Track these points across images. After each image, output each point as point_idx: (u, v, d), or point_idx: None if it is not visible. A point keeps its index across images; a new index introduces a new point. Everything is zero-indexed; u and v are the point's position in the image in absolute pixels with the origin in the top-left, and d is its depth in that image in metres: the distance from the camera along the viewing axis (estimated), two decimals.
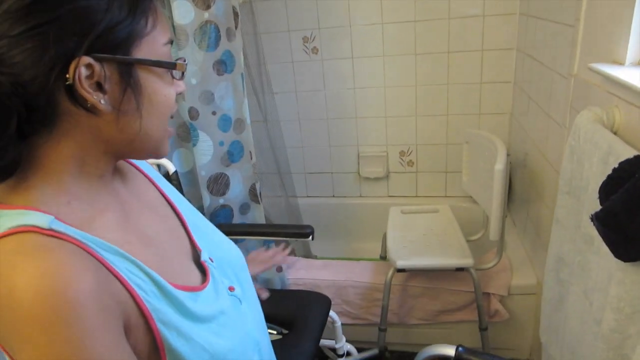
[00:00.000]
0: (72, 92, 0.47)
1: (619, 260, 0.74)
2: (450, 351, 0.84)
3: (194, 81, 1.36)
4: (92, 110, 0.49)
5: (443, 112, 2.18)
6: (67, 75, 0.46)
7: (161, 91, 0.54)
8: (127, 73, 0.50)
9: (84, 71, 0.46)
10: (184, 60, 0.57)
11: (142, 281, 0.51)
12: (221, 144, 1.46)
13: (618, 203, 0.70)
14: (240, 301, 0.66)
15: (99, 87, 0.49)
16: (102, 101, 0.49)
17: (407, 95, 2.18)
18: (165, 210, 0.68)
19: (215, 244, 0.71)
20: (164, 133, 0.57)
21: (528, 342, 1.70)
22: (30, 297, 0.42)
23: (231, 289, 0.66)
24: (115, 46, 0.49)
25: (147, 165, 0.72)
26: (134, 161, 0.69)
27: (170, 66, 0.54)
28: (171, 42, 0.56)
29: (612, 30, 1.01)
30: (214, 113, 1.42)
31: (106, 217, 0.54)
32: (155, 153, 0.59)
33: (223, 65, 1.39)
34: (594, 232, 0.87)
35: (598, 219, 0.74)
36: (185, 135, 1.51)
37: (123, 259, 0.51)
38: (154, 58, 0.52)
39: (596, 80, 1.06)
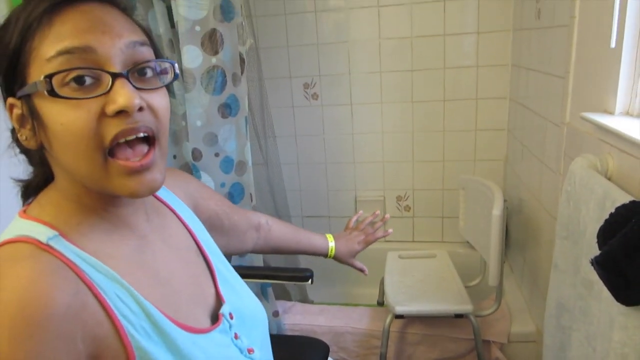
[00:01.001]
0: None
1: (621, 305, 0.75)
2: None
3: (198, 123, 1.39)
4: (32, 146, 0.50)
5: (439, 158, 2.22)
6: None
7: (57, 119, 0.46)
8: (29, 105, 0.48)
9: (15, 110, 0.49)
10: (75, 67, 0.46)
11: (132, 313, 0.48)
12: (222, 185, 1.47)
13: (617, 247, 0.71)
14: None
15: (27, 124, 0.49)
16: (25, 137, 0.49)
17: (404, 141, 2.23)
18: (192, 256, 0.65)
19: (242, 300, 0.68)
20: (91, 168, 0.48)
21: None
22: (2, 304, 0.42)
23: (250, 350, 0.63)
24: (18, 79, 0.48)
25: (184, 208, 0.70)
26: (169, 202, 0.68)
27: (32, 88, 0.45)
28: (75, 49, 0.46)
29: (601, 82, 1.06)
30: (216, 155, 1.44)
31: (117, 248, 0.53)
32: (111, 193, 0.50)
33: (228, 109, 1.43)
34: (594, 277, 0.88)
35: (598, 263, 0.75)
36: None
37: (117, 284, 0.48)
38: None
39: (588, 129, 1.10)
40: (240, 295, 0.69)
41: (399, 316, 1.57)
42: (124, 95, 0.46)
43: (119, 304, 0.48)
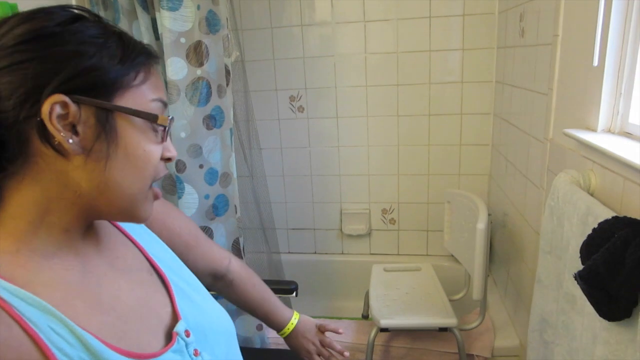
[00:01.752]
0: (42, 129, 0.47)
1: (604, 320, 0.75)
2: None
3: (183, 134, 1.38)
4: (60, 150, 0.48)
5: (424, 171, 2.24)
6: (41, 111, 0.46)
7: (140, 145, 0.52)
8: (104, 118, 0.49)
9: (57, 109, 0.47)
10: (170, 117, 0.56)
11: (67, 344, 0.46)
12: (207, 197, 1.46)
13: (600, 262, 0.72)
14: None
15: (73, 128, 0.48)
16: (71, 140, 0.48)
17: (389, 154, 2.24)
18: (143, 276, 0.63)
19: (203, 314, 0.67)
20: (141, 191, 0.54)
21: None
22: None
23: None
24: (97, 91, 0.49)
25: (133, 228, 0.68)
26: (118, 223, 0.67)
27: (150, 117, 0.53)
28: (163, 102, 0.56)
29: (584, 99, 1.08)
30: (201, 166, 1.43)
31: (56, 273, 0.51)
32: (131, 214, 0.55)
33: (212, 120, 1.42)
34: (577, 292, 0.88)
35: (582, 278, 0.76)
36: (171, 187, 1.51)
37: (50, 315, 0.46)
38: (136, 108, 0.52)
39: (571, 145, 1.12)
40: (201, 309, 0.67)
41: (383, 329, 1.56)
42: (173, 148, 0.59)
43: (53, 336, 0.45)
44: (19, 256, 0.48)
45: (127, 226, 0.67)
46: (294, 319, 1.03)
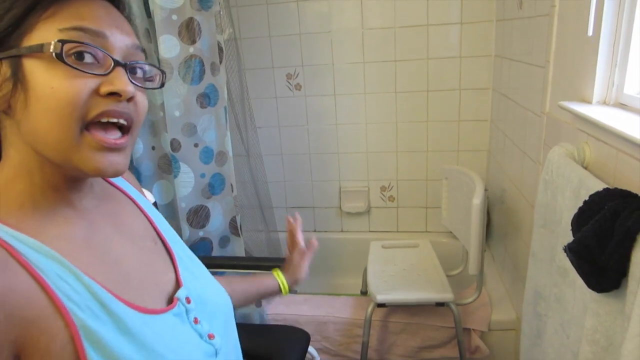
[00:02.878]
0: None
1: (593, 292, 0.76)
2: None
3: (177, 113, 1.38)
4: (3, 110, 0.49)
5: (423, 148, 2.23)
6: None
7: (47, 83, 0.47)
8: (16, 66, 0.48)
9: None
10: (79, 42, 0.48)
11: (74, 292, 0.47)
12: (202, 176, 1.46)
13: (589, 234, 0.71)
14: (216, 352, 0.62)
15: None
16: None
17: (387, 131, 2.23)
18: (148, 243, 0.64)
19: (203, 286, 0.68)
20: (64, 136, 0.48)
21: None
22: None
23: (211, 336, 0.62)
24: (6, 40, 0.48)
25: (141, 197, 0.70)
26: (127, 190, 0.67)
27: (35, 49, 0.47)
28: (85, 30, 0.49)
29: (579, 72, 1.06)
30: (196, 145, 1.42)
31: (62, 229, 0.52)
32: (71, 166, 0.50)
33: (206, 99, 1.41)
34: (568, 264, 0.88)
35: (571, 250, 0.76)
36: (167, 167, 1.51)
37: (57, 263, 0.47)
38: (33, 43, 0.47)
39: (566, 118, 1.11)
40: (202, 282, 0.68)
41: (381, 305, 1.58)
42: (122, 80, 0.50)
43: (61, 283, 0.47)
44: (24, 210, 0.50)
45: (134, 195, 0.68)
46: (278, 278, 1.03)
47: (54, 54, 0.47)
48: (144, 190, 1.35)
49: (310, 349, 1.40)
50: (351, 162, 2.32)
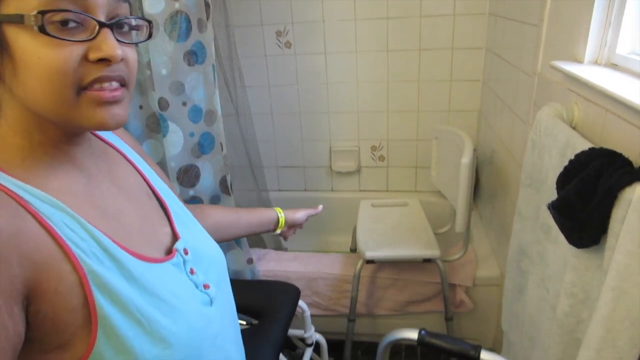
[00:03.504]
0: None
1: (573, 247, 0.78)
2: (413, 335, 0.87)
3: (164, 72, 1.35)
4: None
5: (414, 108, 2.22)
6: None
7: (33, 52, 0.47)
8: None
9: None
10: (58, 10, 0.47)
11: (81, 239, 0.49)
12: (191, 135, 1.45)
13: (572, 192, 0.73)
14: (211, 301, 0.64)
15: None
16: None
17: (378, 91, 2.21)
18: (143, 197, 0.66)
19: (198, 240, 0.70)
20: (62, 100, 0.49)
21: (491, 331, 1.76)
22: None
23: (206, 286, 0.65)
24: None
25: (134, 154, 0.71)
26: (119, 147, 0.68)
27: (15, 19, 0.46)
28: None
29: (572, 30, 1.05)
30: (184, 104, 1.40)
31: (63, 183, 0.53)
32: (72, 125, 0.52)
33: (194, 56, 1.38)
34: (552, 222, 0.91)
35: (554, 208, 0.78)
36: (155, 126, 1.49)
37: (63, 212, 0.49)
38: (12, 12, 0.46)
39: (557, 78, 1.11)
40: (196, 236, 0.70)
41: (369, 261, 1.62)
42: (109, 45, 0.49)
43: (67, 231, 0.48)
44: (26, 165, 0.51)
45: (126, 152, 0.69)
46: (279, 213, 1.15)
47: (35, 27, 0.46)
48: None
49: (301, 303, 1.44)
50: (342, 121, 2.31)
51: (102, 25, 0.49)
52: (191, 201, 1.53)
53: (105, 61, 0.50)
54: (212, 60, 1.42)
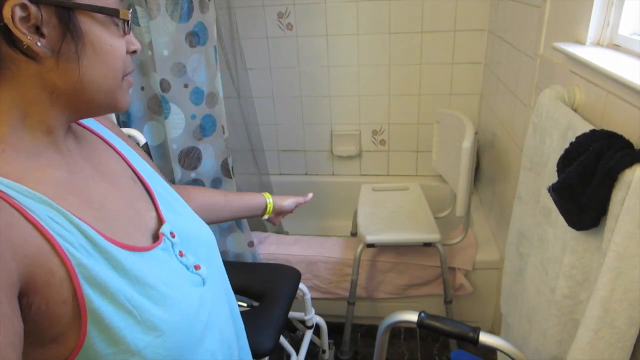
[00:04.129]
0: (8, 35, 0.47)
1: (573, 230, 0.79)
2: (413, 317, 0.88)
3: (165, 52, 1.34)
4: (29, 54, 0.48)
5: (415, 92, 2.21)
6: (2, 16, 0.46)
7: (106, 40, 0.53)
8: (66, 17, 0.49)
9: (18, 12, 0.46)
10: (130, 9, 0.57)
11: (67, 232, 0.48)
12: (193, 117, 1.45)
13: (573, 174, 0.73)
14: (203, 281, 0.65)
15: (37, 30, 0.48)
16: (39, 43, 0.48)
17: (380, 74, 2.20)
18: (126, 181, 0.65)
19: (185, 221, 0.70)
20: (116, 84, 0.56)
21: (490, 314, 1.78)
22: None
23: (197, 267, 0.65)
24: None
25: (115, 138, 0.70)
26: (99, 132, 0.67)
27: (111, 12, 0.53)
28: None
29: (575, 11, 1.04)
30: (186, 86, 1.40)
31: (45, 172, 0.52)
32: (111, 106, 0.58)
33: (195, 37, 1.37)
34: (552, 205, 0.91)
35: (555, 190, 0.78)
36: (157, 107, 1.49)
37: (47, 206, 0.48)
38: (95, 4, 0.52)
39: (559, 60, 1.10)
40: (184, 217, 0.70)
41: (370, 245, 1.63)
42: (135, 38, 0.59)
43: (53, 224, 0.48)
44: (6, 156, 0.49)
45: (108, 136, 0.68)
46: (267, 198, 1.16)
47: (121, 21, 0.55)
48: (133, 130, 1.34)
49: (301, 285, 1.45)
50: (343, 105, 2.30)
51: (128, 22, 0.57)
52: (193, 184, 1.54)
53: (133, 53, 0.59)
54: (214, 42, 1.41)
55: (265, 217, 1.16)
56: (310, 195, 1.29)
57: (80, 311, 0.48)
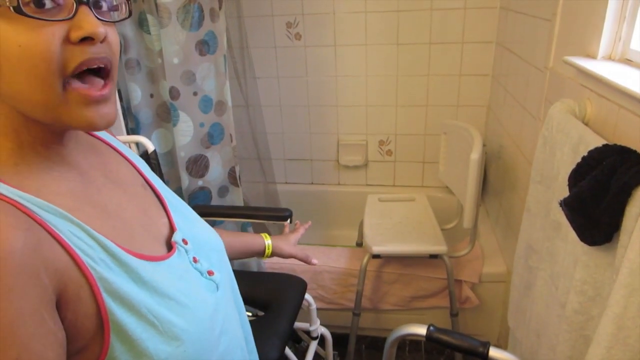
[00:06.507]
0: None
1: (585, 245, 0.78)
2: (422, 330, 0.87)
3: (175, 60, 1.35)
4: None
5: (422, 102, 2.21)
6: None
7: (13, 40, 0.43)
8: None
9: None
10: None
11: (88, 247, 0.48)
12: (202, 125, 1.45)
13: (586, 189, 0.73)
14: (217, 287, 0.65)
15: None
16: None
17: (387, 84, 2.20)
18: (138, 189, 0.65)
19: (195, 227, 0.70)
20: (48, 94, 0.45)
21: (496, 328, 1.76)
22: None
23: (210, 273, 0.65)
24: None
25: (125, 147, 0.70)
26: (108, 139, 0.67)
27: None
28: None
29: (586, 25, 1.04)
30: (195, 94, 1.41)
31: (59, 185, 0.51)
32: (59, 122, 0.48)
33: (205, 46, 1.38)
34: (562, 219, 0.90)
35: (566, 204, 0.77)
36: (166, 115, 1.50)
37: (67, 221, 0.47)
38: None
39: (570, 74, 1.10)
40: (194, 224, 0.70)
41: (376, 256, 1.62)
42: (91, 22, 0.45)
43: (74, 239, 0.47)
44: (20, 170, 0.49)
45: (116, 143, 0.68)
46: (265, 240, 1.07)
47: (11, 8, 0.42)
48: (141, 137, 1.35)
49: (307, 296, 1.44)
50: (350, 115, 2.31)
51: (79, 2, 0.45)
52: (200, 191, 1.54)
53: (88, 40, 0.46)
54: (224, 51, 1.42)
55: (264, 259, 1.10)
56: (309, 224, 1.24)
57: (103, 324, 0.48)
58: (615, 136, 0.86)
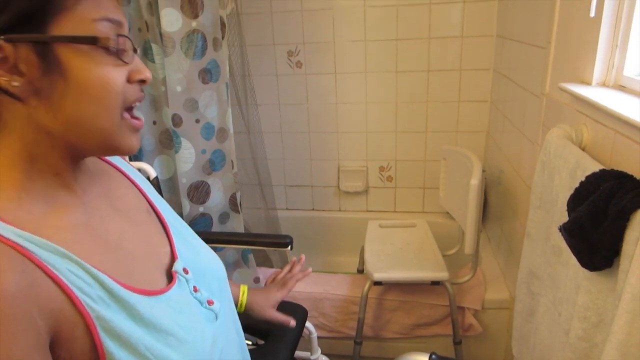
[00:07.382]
0: None
1: (586, 270, 0.77)
2: (424, 359, 0.86)
3: (179, 88, 1.37)
4: (11, 95, 0.47)
5: (422, 129, 2.23)
6: None
7: (91, 72, 0.48)
8: (44, 52, 0.46)
9: None
10: (119, 35, 0.51)
11: (86, 284, 0.48)
12: (203, 152, 1.47)
13: (584, 214, 0.73)
14: (216, 316, 0.64)
15: (18, 70, 0.46)
16: (15, 83, 0.46)
17: (387, 111, 2.23)
18: (144, 216, 0.65)
19: (198, 254, 0.69)
20: (110, 122, 0.51)
21: (501, 356, 1.73)
22: None
23: (210, 302, 0.64)
24: (26, 24, 0.46)
25: (132, 170, 0.70)
26: (117, 163, 0.68)
27: (88, 40, 0.47)
28: (113, 21, 0.50)
29: (580, 52, 1.06)
30: (197, 121, 1.43)
31: (62, 216, 0.52)
32: (110, 147, 0.53)
33: (208, 74, 1.41)
34: (563, 244, 0.90)
35: (566, 230, 0.77)
36: (168, 142, 1.51)
37: (66, 259, 0.48)
38: (72, 34, 0.47)
39: (566, 100, 1.12)
40: (196, 250, 0.70)
41: (377, 283, 1.61)
42: (143, 67, 0.54)
43: (72, 277, 0.47)
44: (22, 203, 0.49)
45: (123, 167, 0.69)
46: (241, 295, 1.00)
47: (110, 48, 0.49)
48: (143, 164, 1.36)
49: (308, 324, 1.43)
50: (350, 141, 2.33)
51: (135, 50, 0.53)
52: (200, 218, 1.54)
53: (142, 82, 0.54)
54: (226, 79, 1.45)
55: (241, 311, 1.00)
56: (303, 259, 1.15)
57: None
58: (612, 161, 0.87)
